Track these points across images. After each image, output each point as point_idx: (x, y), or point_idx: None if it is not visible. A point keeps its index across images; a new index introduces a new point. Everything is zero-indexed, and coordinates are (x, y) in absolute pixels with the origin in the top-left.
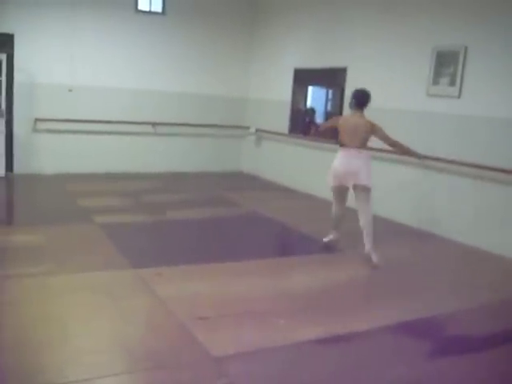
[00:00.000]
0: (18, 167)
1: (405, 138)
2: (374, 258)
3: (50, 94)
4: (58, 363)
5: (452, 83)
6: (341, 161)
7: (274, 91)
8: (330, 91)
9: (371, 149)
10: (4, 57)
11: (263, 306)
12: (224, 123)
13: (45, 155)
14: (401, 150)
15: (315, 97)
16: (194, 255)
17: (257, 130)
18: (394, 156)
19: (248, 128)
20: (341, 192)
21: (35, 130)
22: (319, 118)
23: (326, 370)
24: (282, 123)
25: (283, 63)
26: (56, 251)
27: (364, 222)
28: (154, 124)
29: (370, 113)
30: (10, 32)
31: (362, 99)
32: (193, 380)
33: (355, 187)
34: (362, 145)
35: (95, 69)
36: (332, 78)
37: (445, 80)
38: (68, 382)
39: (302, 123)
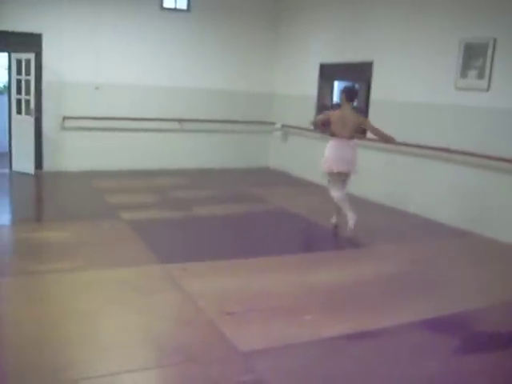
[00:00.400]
0: (46, 165)
1: (433, 131)
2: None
3: (77, 92)
4: (88, 357)
5: (480, 76)
6: (336, 149)
7: (300, 86)
8: (356, 86)
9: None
10: (32, 56)
11: (290, 301)
12: (250, 119)
13: (73, 153)
14: (383, 138)
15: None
16: (221, 251)
17: (283, 126)
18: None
19: (274, 123)
20: (341, 177)
21: (63, 128)
22: None
23: (352, 367)
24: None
25: (309, 58)
26: (84, 247)
27: (344, 197)
28: (180, 120)
29: (396, 106)
30: (38, 32)
31: (351, 94)
32: (221, 375)
33: (346, 174)
34: (352, 135)
35: (121, 67)
36: (358, 73)
37: (473, 73)
38: (97, 376)
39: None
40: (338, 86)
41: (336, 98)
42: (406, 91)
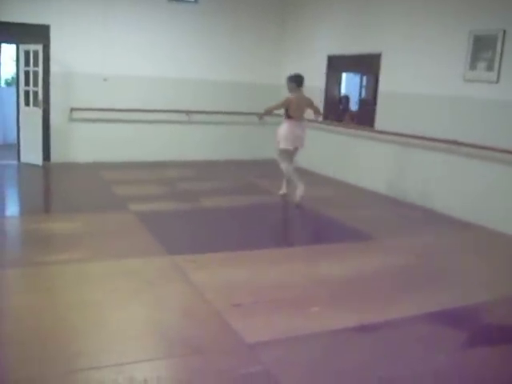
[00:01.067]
0: (54, 156)
1: (441, 123)
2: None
3: (85, 83)
4: (95, 348)
5: (490, 68)
6: (293, 129)
7: (308, 78)
8: (365, 78)
9: None
10: (40, 47)
11: (296, 293)
12: (257, 111)
13: (80, 144)
14: (318, 111)
15: (349, 83)
16: (228, 242)
17: None
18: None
19: (281, 115)
20: (292, 153)
21: (71, 120)
22: (354, 105)
23: (360, 359)
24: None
25: (316, 50)
26: (92, 238)
27: (293, 169)
28: (188, 112)
29: (404, 98)
30: (46, 23)
31: (300, 80)
32: (228, 366)
33: (297, 148)
34: (303, 116)
35: (129, 58)
36: (366, 65)
37: (482, 65)
38: (104, 367)
39: (336, 111)
40: (345, 78)
41: (344, 90)
42: (414, 83)
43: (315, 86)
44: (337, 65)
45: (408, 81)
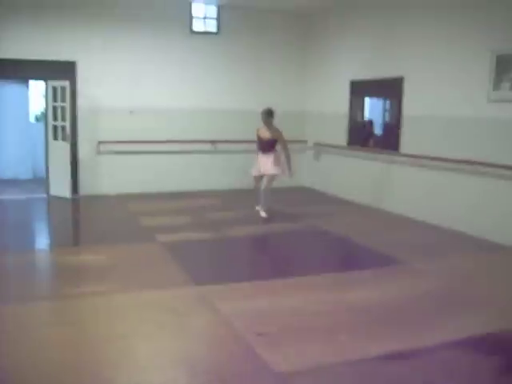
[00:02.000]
0: (82, 189)
1: (467, 145)
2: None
3: (111, 117)
4: (123, 380)
5: None
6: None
7: (331, 104)
8: (388, 102)
9: None
10: (67, 83)
11: (324, 321)
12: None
13: (108, 176)
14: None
15: (373, 108)
16: (255, 271)
17: (315, 144)
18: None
19: (306, 142)
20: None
21: (98, 153)
22: (377, 129)
23: None
24: (340, 136)
25: (339, 76)
26: (120, 270)
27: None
28: (213, 142)
29: (429, 121)
30: (72, 59)
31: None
32: None
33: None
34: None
35: (154, 90)
36: (389, 89)
37: (506, 85)
38: None
39: (360, 135)
40: (368, 102)
41: (367, 115)
42: (438, 105)
43: (338, 111)
44: (359, 90)
45: (432, 103)
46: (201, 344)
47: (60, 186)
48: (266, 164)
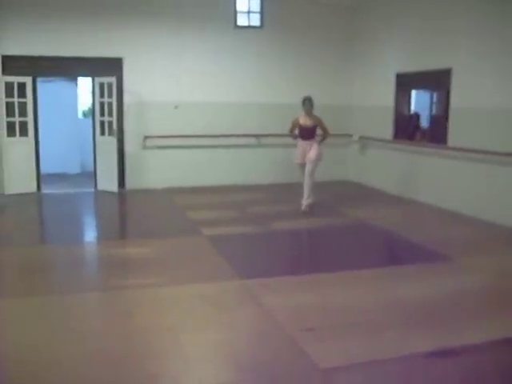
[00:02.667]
0: (129, 183)
1: None
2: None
3: (157, 111)
4: (169, 372)
5: None
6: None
7: (377, 97)
8: (435, 94)
9: None
10: (114, 79)
11: (371, 316)
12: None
13: (154, 170)
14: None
15: (419, 100)
16: (300, 265)
17: (360, 138)
18: None
19: (351, 136)
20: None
21: (144, 147)
22: (424, 122)
23: None
24: (386, 129)
25: (385, 68)
26: (167, 263)
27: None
28: (257, 136)
29: (478, 113)
30: (119, 56)
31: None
32: None
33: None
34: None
35: (198, 85)
36: (436, 81)
37: None
38: None
39: (406, 128)
40: (415, 95)
41: (413, 108)
42: (488, 97)
43: (384, 104)
44: (405, 82)
45: (482, 95)
46: (245, 338)
47: (107, 181)
48: (308, 151)
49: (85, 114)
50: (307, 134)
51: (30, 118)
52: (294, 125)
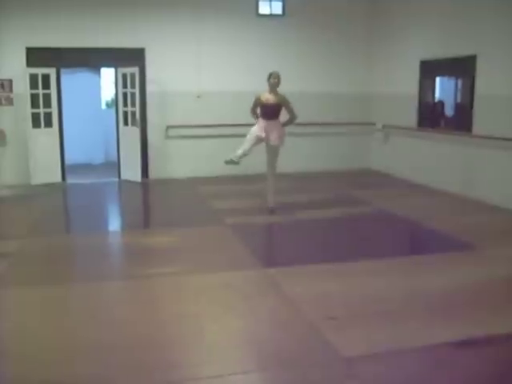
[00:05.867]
0: (152, 172)
1: None
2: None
3: (179, 101)
4: (192, 359)
5: None
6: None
7: (400, 85)
8: (460, 81)
9: None
10: (136, 70)
11: (394, 306)
12: (350, 120)
13: (177, 160)
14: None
15: (443, 88)
16: (323, 254)
17: (384, 126)
18: None
19: (374, 124)
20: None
21: (167, 137)
22: (449, 110)
23: (464, 376)
24: (410, 117)
25: (408, 55)
26: (190, 252)
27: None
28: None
29: (503, 101)
30: (141, 46)
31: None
32: (322, 380)
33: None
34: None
35: (221, 74)
36: (461, 68)
37: None
38: (202, 378)
39: (430, 116)
40: (439, 82)
41: (438, 95)
42: None
43: (408, 92)
44: (429, 69)
45: (507, 82)
46: (269, 326)
47: (131, 170)
48: (271, 133)
49: (108, 105)
50: (270, 112)
51: (54, 109)
52: (256, 103)
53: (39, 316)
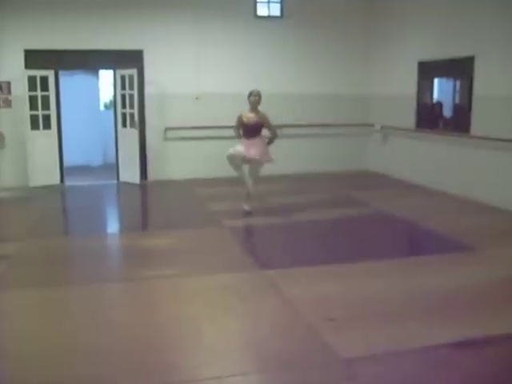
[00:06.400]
0: (151, 174)
1: None
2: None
3: (177, 103)
4: (191, 361)
5: None
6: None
7: (398, 86)
8: (458, 82)
9: None
10: (135, 72)
11: (394, 307)
12: (348, 122)
13: (175, 162)
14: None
15: (441, 89)
16: (322, 256)
17: (382, 127)
18: None
19: (373, 125)
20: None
21: (166, 139)
22: (447, 111)
23: (462, 377)
24: (408, 119)
25: (406, 57)
26: (188, 254)
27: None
28: (278, 126)
29: (501, 102)
30: (140, 48)
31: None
32: (321, 381)
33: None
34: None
35: (219, 76)
36: (459, 69)
37: None
38: (201, 380)
39: (429, 117)
40: (437, 83)
41: (436, 96)
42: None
43: (406, 93)
44: (428, 70)
45: (506, 83)
46: (267, 328)
47: (129, 172)
48: (252, 151)
49: (106, 107)
50: (252, 131)
51: (52, 111)
52: (239, 122)
53: (38, 318)
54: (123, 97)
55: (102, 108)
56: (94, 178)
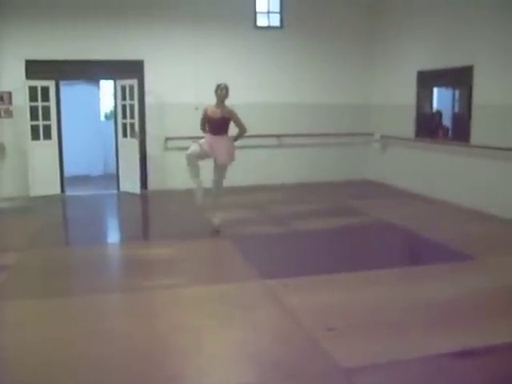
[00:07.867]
0: (151, 184)
1: None
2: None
3: (177, 113)
4: (192, 371)
5: None
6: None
7: (398, 96)
8: (457, 92)
9: None
10: (135, 82)
11: (393, 316)
12: (348, 131)
13: (175, 172)
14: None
15: (441, 98)
16: (322, 265)
17: (382, 137)
18: None
19: (372, 135)
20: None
21: (166, 149)
22: (446, 120)
23: None
24: (408, 128)
25: (405, 66)
26: (188, 264)
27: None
28: (278, 136)
29: (500, 111)
30: (140, 59)
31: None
32: None
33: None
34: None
35: None
36: (458, 78)
37: None
38: None
39: (428, 127)
40: (437, 93)
41: (436, 106)
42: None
43: (406, 102)
44: (427, 80)
45: (505, 92)
46: (267, 338)
47: (130, 182)
48: (218, 150)
49: (107, 117)
50: (217, 127)
51: (53, 122)
52: (204, 117)
53: (38, 328)
54: (124, 107)
55: (102, 118)
56: (94, 187)
